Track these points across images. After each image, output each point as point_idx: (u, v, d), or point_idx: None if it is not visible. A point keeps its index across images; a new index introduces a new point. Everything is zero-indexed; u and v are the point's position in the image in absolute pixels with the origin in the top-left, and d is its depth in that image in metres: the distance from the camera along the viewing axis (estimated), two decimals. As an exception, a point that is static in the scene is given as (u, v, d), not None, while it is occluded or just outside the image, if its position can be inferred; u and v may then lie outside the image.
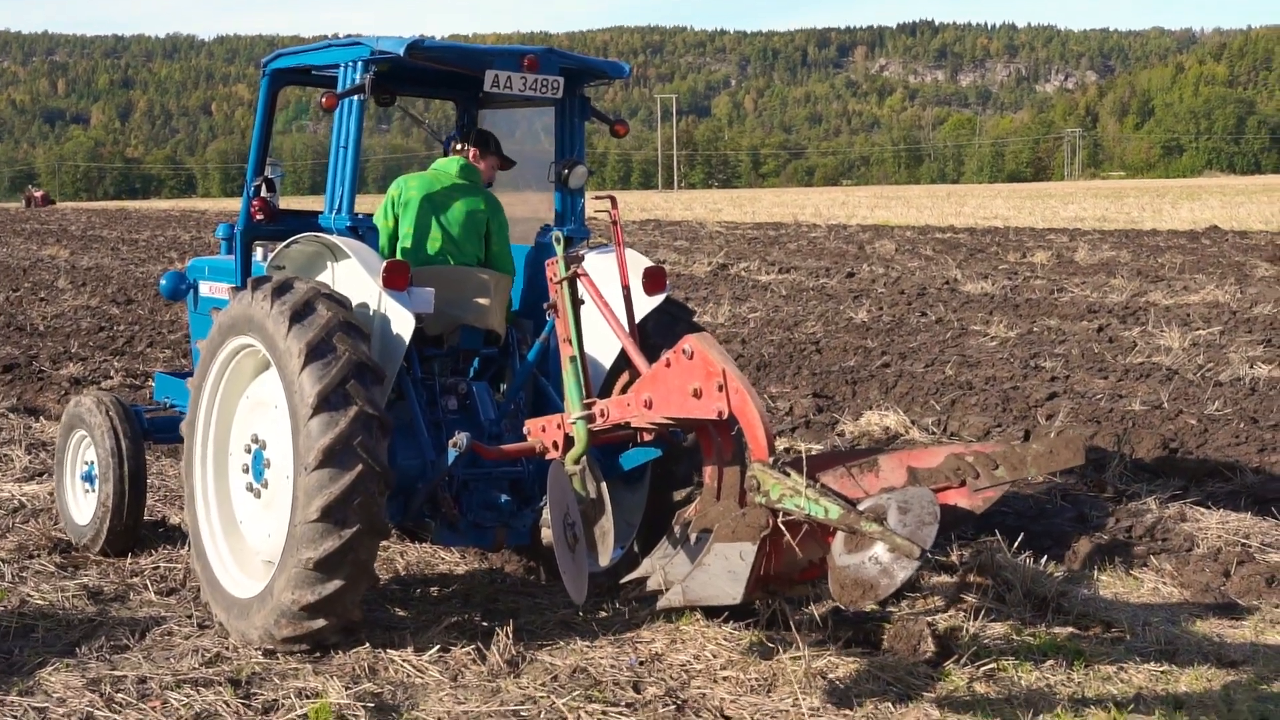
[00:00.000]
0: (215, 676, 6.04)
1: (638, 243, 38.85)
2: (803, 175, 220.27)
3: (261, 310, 6.41)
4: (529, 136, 8.45)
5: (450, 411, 7.15)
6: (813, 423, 11.82)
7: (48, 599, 7.23)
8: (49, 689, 5.89)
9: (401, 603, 7.23)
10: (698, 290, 23.92)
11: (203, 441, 7.06)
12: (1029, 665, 6.24)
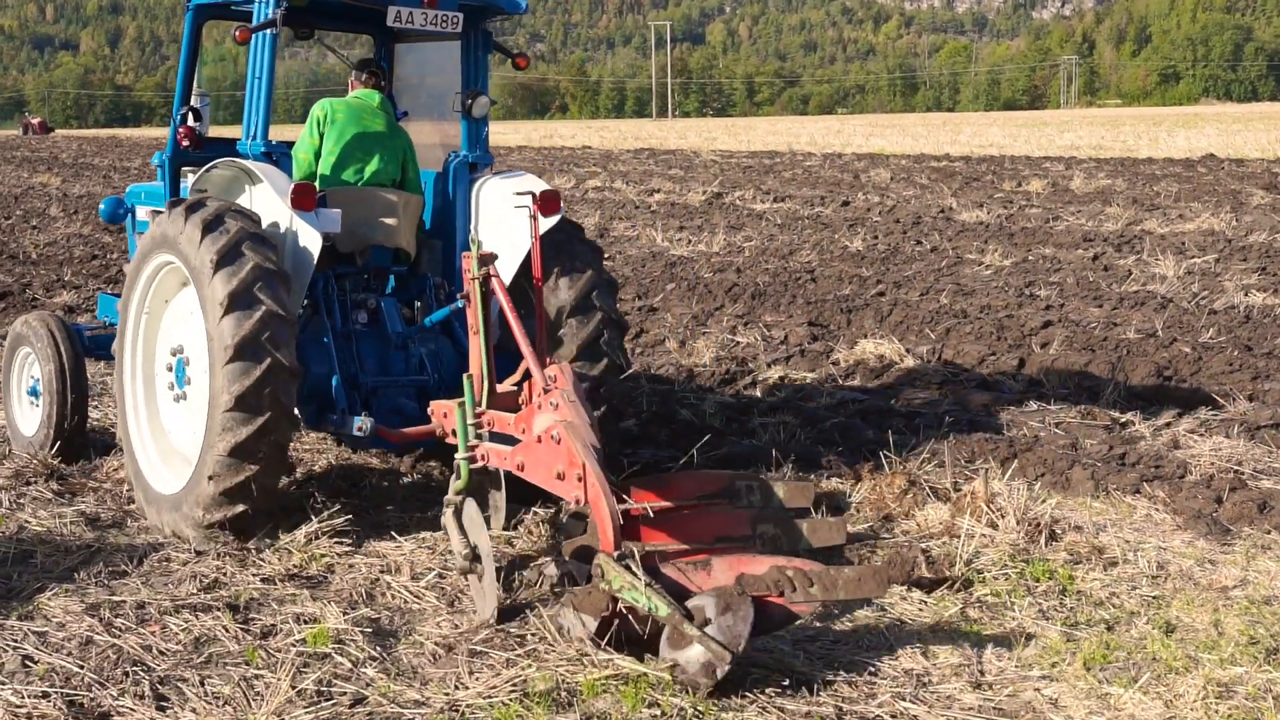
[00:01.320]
0: (213, 602, 6.08)
1: (631, 172, 38.70)
2: (798, 104, 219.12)
3: (177, 228, 6.93)
4: (440, 69, 8.72)
5: (360, 324, 7.73)
6: (807, 351, 11.84)
7: (45, 525, 7.26)
8: (48, 614, 5.93)
9: (399, 528, 7.25)
10: (692, 219, 23.85)
11: (131, 355, 7.61)
12: (1022, 591, 6.29)
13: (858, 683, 5.34)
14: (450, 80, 8.40)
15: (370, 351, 7.67)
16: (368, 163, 7.80)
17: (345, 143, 7.75)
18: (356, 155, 7.78)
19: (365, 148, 7.80)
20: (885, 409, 9.63)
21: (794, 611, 5.41)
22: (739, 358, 11.64)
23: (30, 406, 8.73)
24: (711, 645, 5.03)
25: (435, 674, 5.39)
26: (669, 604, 5.20)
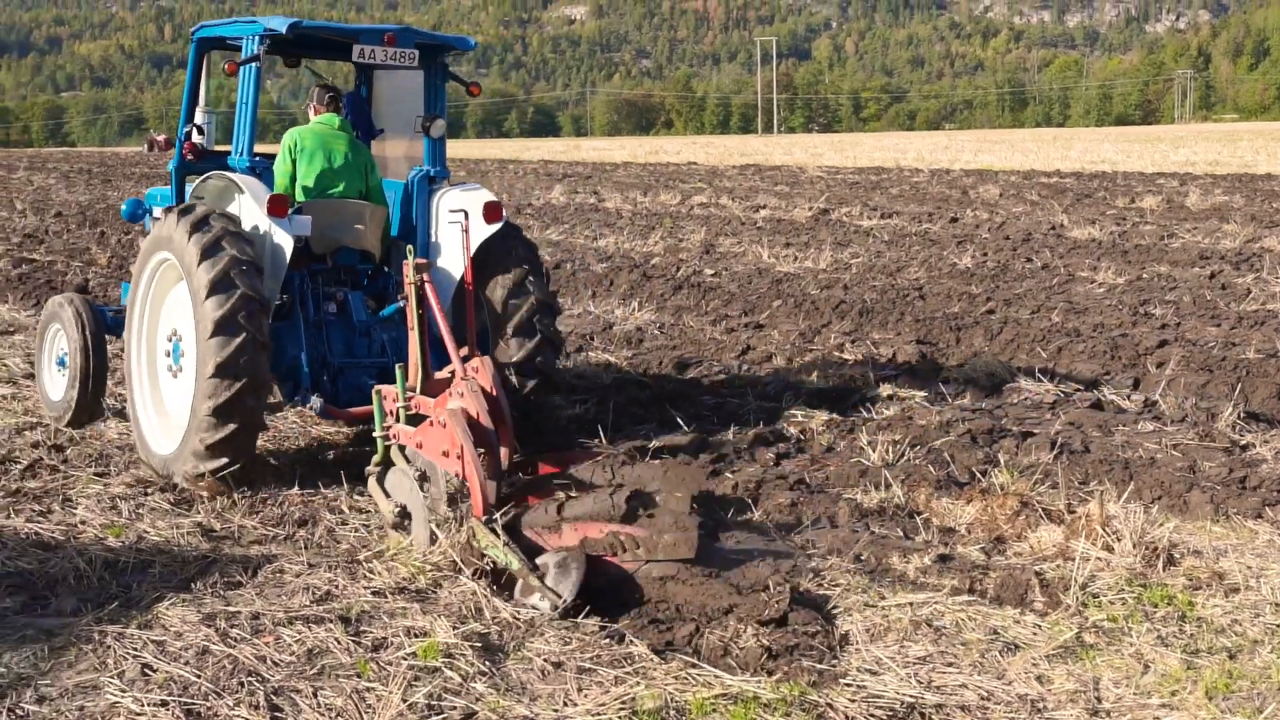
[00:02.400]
0: (326, 614, 6.14)
1: (737, 188, 38.66)
2: (904, 119, 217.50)
3: (171, 229, 8.31)
4: (408, 96, 9.92)
5: (330, 314, 9.13)
6: (917, 370, 11.72)
7: (163, 535, 7.39)
8: (166, 623, 6.02)
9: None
10: (799, 235, 23.75)
11: (137, 337, 9.01)
12: (1139, 617, 6.15)
13: (971, 708, 5.25)
14: (418, 105, 9.68)
15: (338, 337, 9.08)
16: (335, 179, 9.11)
17: (314, 165, 9.07)
18: (325, 174, 9.08)
19: (332, 167, 9.11)
20: (996, 428, 9.48)
21: (624, 568, 6.53)
22: (847, 375, 11.55)
23: (58, 375, 10.01)
24: (548, 593, 6.26)
25: (544, 690, 5.40)
26: (520, 560, 6.43)
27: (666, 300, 16.16)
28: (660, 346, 13.12)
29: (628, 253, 21.43)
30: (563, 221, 27.69)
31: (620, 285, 17.20)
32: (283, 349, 8.73)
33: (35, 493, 8.18)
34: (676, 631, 6.04)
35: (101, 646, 5.76)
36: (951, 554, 7.04)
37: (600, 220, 27.94)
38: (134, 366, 8.98)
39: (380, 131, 10.26)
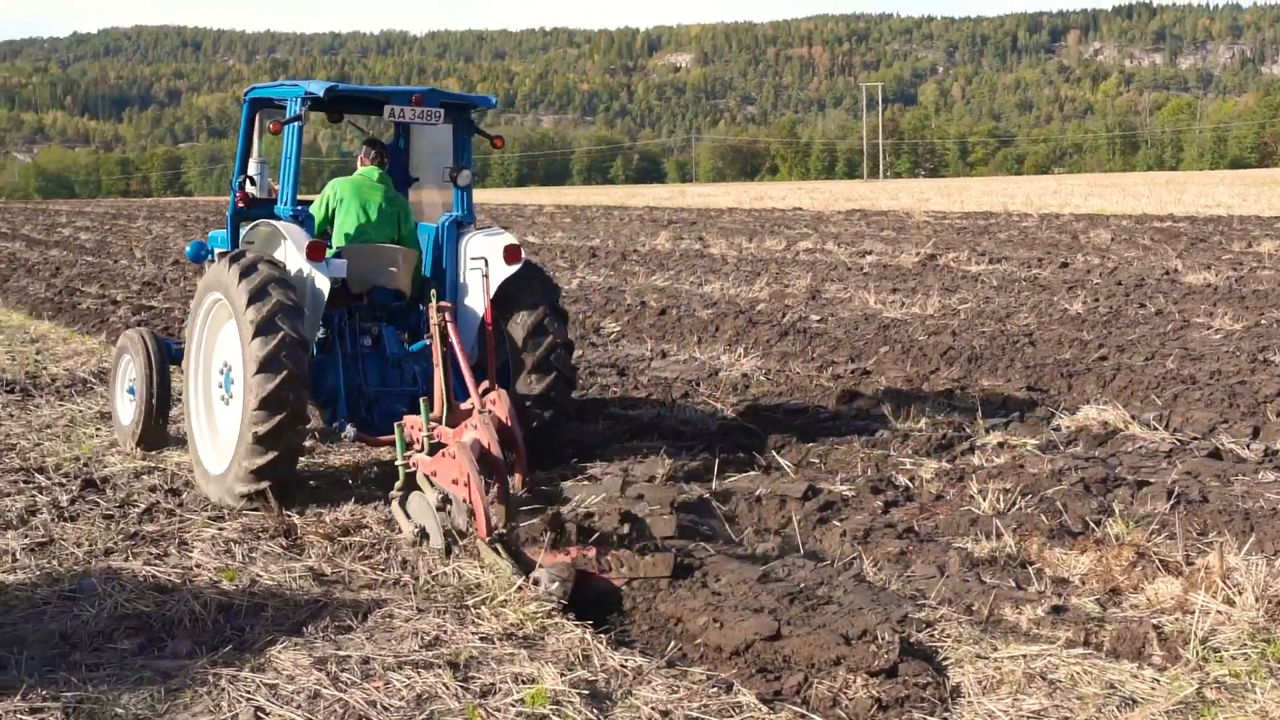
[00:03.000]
0: (434, 659, 6.18)
1: (843, 233, 38.52)
2: (1012, 163, 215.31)
3: (223, 273, 9.22)
4: (440, 149, 10.93)
5: (365, 347, 10.14)
6: (1027, 416, 11.56)
7: (276, 579, 7.49)
8: (279, 666, 6.10)
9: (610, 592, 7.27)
10: (905, 281, 23.59)
11: (194, 368, 9.89)
12: (1263, 673, 5.98)
13: (1087, 764, 5.14)
14: (449, 157, 10.72)
15: (373, 368, 10.07)
16: (370, 226, 10.13)
17: (351, 213, 10.11)
18: (362, 221, 10.11)
19: (368, 215, 10.15)
20: (1110, 477, 9.30)
21: (613, 583, 7.29)
22: (955, 422, 11.42)
23: (128, 400, 11.06)
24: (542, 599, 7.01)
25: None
26: (517, 574, 7.19)
27: (772, 346, 16.12)
28: (766, 393, 13.07)
29: (733, 298, 21.43)
30: (668, 267, 27.77)
31: (725, 331, 17.19)
32: (323, 379, 9.80)
33: (152, 536, 8.35)
34: (785, 681, 5.99)
35: (216, 689, 5.84)
36: (1065, 605, 6.91)
37: (705, 266, 27.98)
38: (191, 394, 9.89)
39: (416, 180, 11.37)
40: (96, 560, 7.83)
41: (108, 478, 9.90)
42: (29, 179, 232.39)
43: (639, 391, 13.27)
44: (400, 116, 10.13)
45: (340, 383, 9.83)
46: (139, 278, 27.25)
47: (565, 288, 23.83)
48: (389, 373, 10.09)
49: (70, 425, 11.99)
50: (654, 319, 18.58)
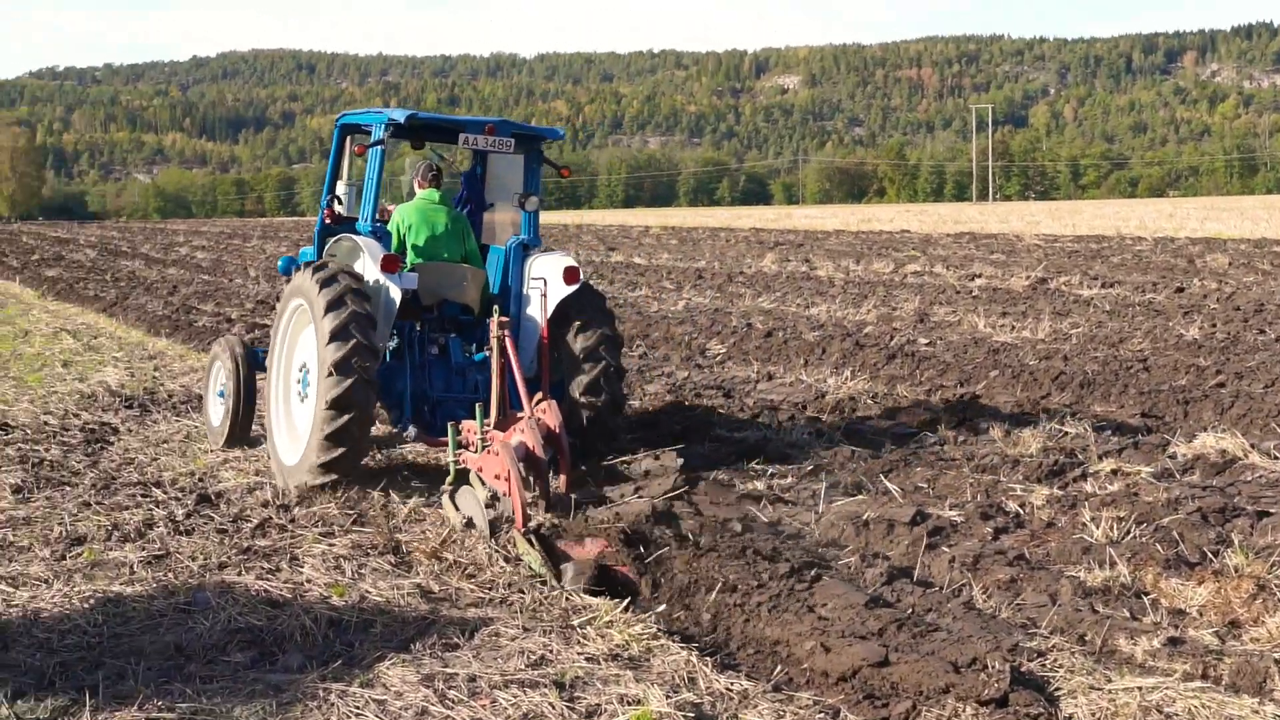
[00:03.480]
0: (540, 678, 6.20)
1: (951, 256, 38.16)
2: (1126, 186, 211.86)
3: (305, 282, 10.06)
4: (513, 177, 11.59)
5: (432, 355, 10.92)
6: (1141, 443, 11.33)
7: (384, 595, 7.57)
8: (387, 682, 6.16)
9: (715, 615, 7.24)
10: (1016, 305, 23.30)
11: (276, 369, 10.75)
12: (1390, 711, 5.80)
13: (1205, 801, 5.01)
14: (515, 183, 11.48)
15: (438, 375, 10.84)
16: (438, 245, 10.90)
17: (420, 234, 10.86)
18: (430, 241, 10.89)
19: (435, 235, 10.91)
20: (1228, 506, 9.07)
21: (630, 577, 7.79)
22: (1067, 448, 11.23)
23: (219, 403, 11.98)
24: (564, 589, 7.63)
25: (757, 764, 5.33)
26: (547, 566, 7.80)
27: (880, 369, 15.99)
28: (874, 416, 12.96)
29: (840, 321, 21.31)
30: (774, 289, 27.70)
31: (832, 354, 17.09)
32: (392, 383, 10.62)
33: (264, 551, 8.47)
34: (892, 708, 5.93)
35: (326, 704, 5.91)
36: (1182, 637, 6.76)
37: (812, 288, 27.87)
38: (272, 390, 10.76)
39: (491, 205, 12.12)
40: (210, 574, 7.96)
41: (221, 493, 10.08)
42: (148, 199, 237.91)
43: (745, 414, 13.23)
44: (474, 144, 10.97)
45: (407, 387, 10.64)
46: (252, 296, 27.75)
47: (671, 309, 23.87)
48: (453, 380, 10.86)
49: (186, 441, 12.23)
50: (760, 341, 18.52)
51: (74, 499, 9.81)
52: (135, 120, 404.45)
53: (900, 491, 9.83)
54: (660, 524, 8.32)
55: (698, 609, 7.44)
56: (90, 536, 8.77)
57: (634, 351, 18.39)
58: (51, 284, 32.51)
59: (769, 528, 9.07)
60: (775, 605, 7.21)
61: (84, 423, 12.92)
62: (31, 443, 11.89)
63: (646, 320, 21.50)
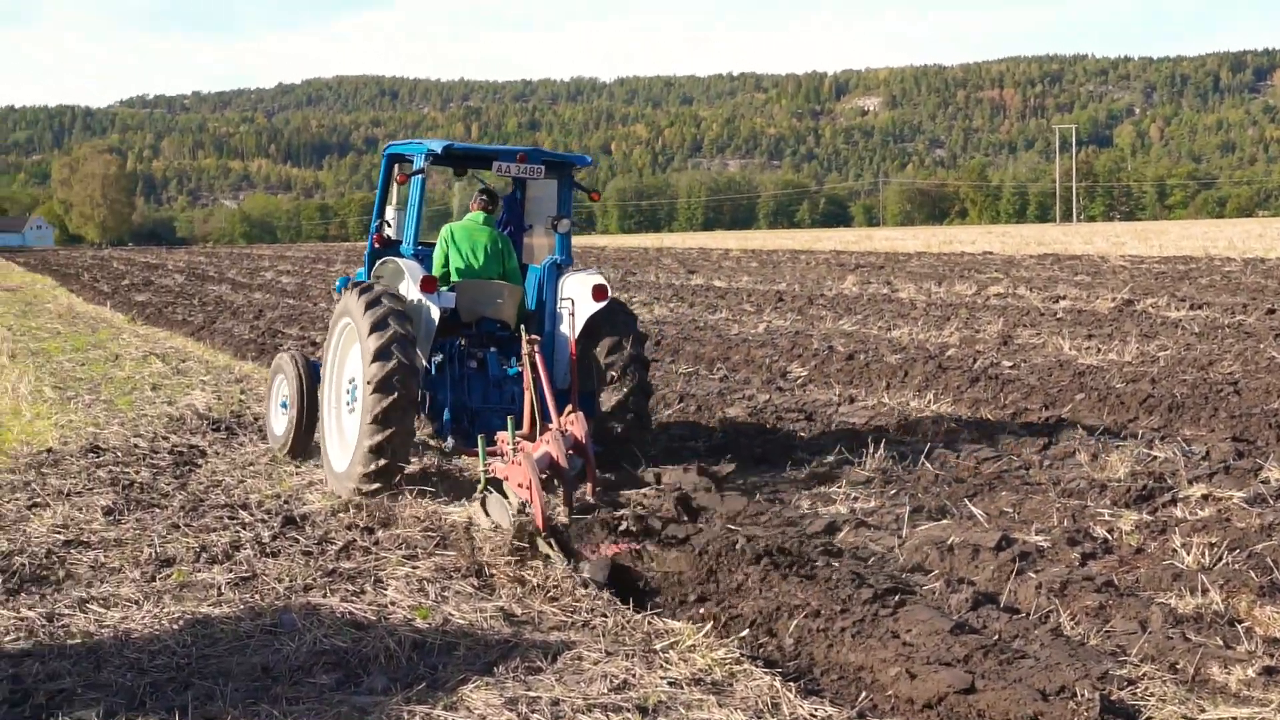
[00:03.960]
0: (623, 703, 6.18)
1: (1035, 278, 37.78)
2: (1213, 206, 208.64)
3: (352, 302, 10.81)
4: (549, 201, 12.37)
5: (471, 369, 11.56)
6: (1232, 468, 11.12)
7: (467, 618, 7.59)
8: (471, 705, 6.17)
9: (797, 641, 7.20)
10: (1101, 327, 23.00)
11: (328, 379, 11.59)
12: None
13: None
14: (548, 207, 12.30)
15: (477, 388, 11.48)
16: (478, 264, 11.69)
17: (462, 254, 11.69)
18: (471, 260, 11.69)
19: (476, 256, 11.72)
20: (1324, 533, 8.89)
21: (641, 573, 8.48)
22: (1156, 473, 11.05)
23: (281, 414, 12.61)
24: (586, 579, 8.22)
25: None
26: (563, 563, 8.45)
27: (963, 392, 15.85)
28: (956, 440, 12.84)
29: (922, 343, 21.15)
30: (855, 312, 27.56)
31: (915, 377, 16.96)
32: (434, 396, 11.31)
33: (349, 573, 8.54)
34: (979, 737, 5.84)
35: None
36: (1277, 666, 6.61)
37: (893, 310, 27.70)
38: (325, 401, 11.57)
39: (529, 227, 12.79)
40: (296, 596, 8.04)
41: (307, 515, 10.18)
42: (235, 224, 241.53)
43: (826, 437, 13.16)
44: (506, 171, 11.74)
45: (448, 399, 11.31)
46: (337, 320, 28.04)
47: (752, 332, 23.82)
48: (490, 392, 11.51)
49: (272, 463, 12.37)
50: (841, 363, 18.43)
51: (163, 521, 9.96)
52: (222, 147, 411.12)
53: (985, 516, 9.72)
54: (733, 546, 8.31)
55: (780, 634, 7.40)
56: (179, 558, 8.89)
57: (714, 374, 18.38)
58: (141, 309, 33.10)
59: (852, 551, 9.01)
60: (859, 631, 7.16)
61: (172, 445, 13.12)
62: (122, 465, 12.09)
63: (727, 343, 21.46)
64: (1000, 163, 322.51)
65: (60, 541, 9.31)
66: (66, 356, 21.98)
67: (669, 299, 33.57)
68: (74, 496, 10.79)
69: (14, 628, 7.42)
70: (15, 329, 27.51)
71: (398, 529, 9.59)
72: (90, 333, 26.84)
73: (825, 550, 8.81)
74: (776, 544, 8.56)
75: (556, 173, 12.02)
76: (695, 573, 8.38)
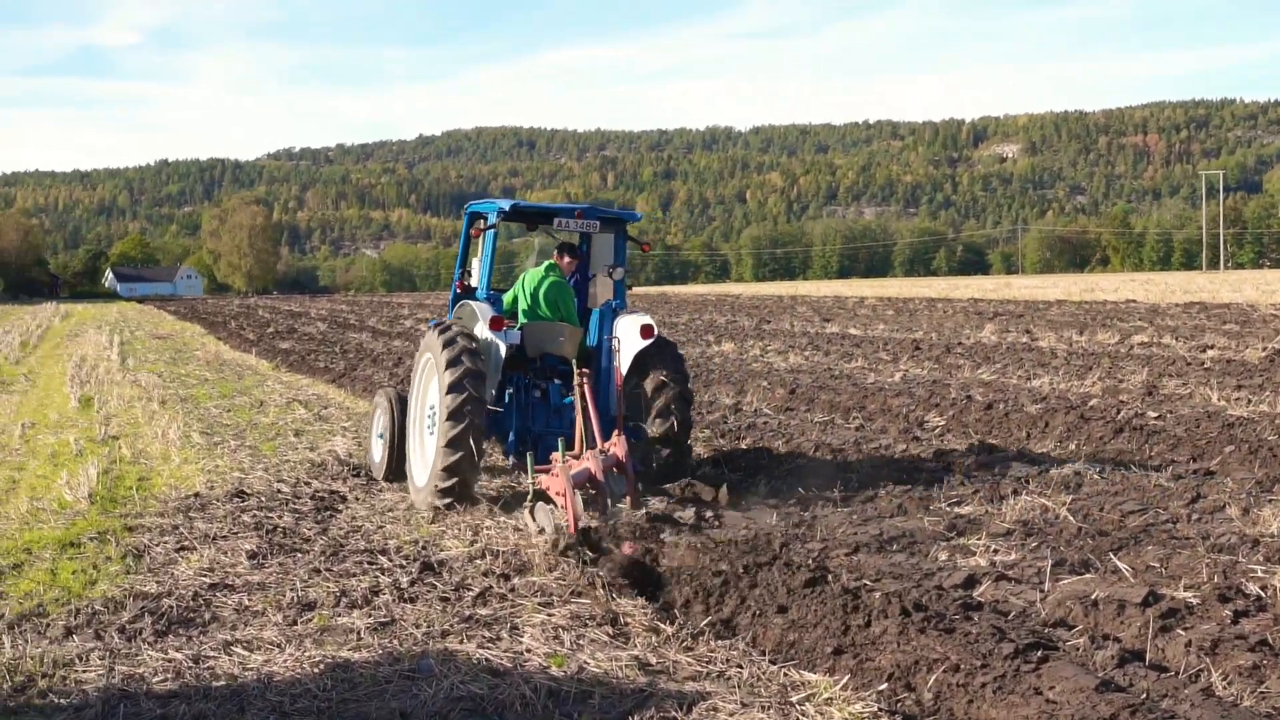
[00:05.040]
0: (759, 756, 6.11)
1: (1181, 326, 36.93)
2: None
3: (433, 340, 12.52)
4: (606, 252, 13.93)
5: (535, 398, 13.25)
6: (1393, 524, 10.70)
7: (602, 667, 7.59)
8: (605, 755, 6.15)
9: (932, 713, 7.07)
10: (1251, 377, 22.35)
11: (413, 406, 13.36)
12: None
13: None
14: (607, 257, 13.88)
15: (540, 415, 13.20)
16: (544, 307, 13.34)
17: (532, 298, 13.37)
18: (538, 304, 13.35)
19: (540, 299, 13.35)
20: None
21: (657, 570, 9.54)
22: (1312, 529, 10.68)
23: (380, 443, 14.05)
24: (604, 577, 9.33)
25: None
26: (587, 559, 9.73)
27: (1106, 443, 15.50)
28: (1100, 492, 12.55)
29: (1063, 393, 20.74)
30: (994, 361, 27.16)
31: (1056, 427, 16.64)
32: (503, 421, 12.97)
33: (486, 619, 8.60)
34: (1127, 800, 5.67)
35: (545, 774, 5.93)
36: None
37: (1033, 359, 27.24)
38: (410, 425, 13.33)
39: (594, 275, 14.23)
40: (434, 641, 8.11)
41: (444, 561, 10.28)
42: (375, 273, 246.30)
43: (965, 487, 12.95)
44: (565, 227, 13.37)
45: (514, 424, 13.01)
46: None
47: (888, 380, 23.59)
48: (551, 418, 13.14)
49: (409, 510, 12.53)
50: (980, 413, 18.16)
51: (305, 565, 10.14)
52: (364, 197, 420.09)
53: (1131, 570, 9.47)
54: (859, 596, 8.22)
55: (919, 688, 7.28)
56: (320, 602, 9.04)
57: (850, 423, 18.22)
58: (285, 356, 33.86)
59: (992, 605, 8.84)
60: (1000, 686, 7.01)
61: (314, 490, 13.37)
62: (266, 510, 12.36)
63: (863, 391, 21.27)
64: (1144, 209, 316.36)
65: (206, 584, 9.53)
66: (214, 403, 22.56)
67: (804, 347, 33.41)
68: (219, 540, 11.05)
69: (162, 669, 7.60)
70: (165, 376, 28.30)
71: (533, 576, 9.64)
72: (236, 379, 27.51)
73: (964, 603, 8.66)
74: (914, 596, 8.43)
75: (612, 227, 13.55)
76: (831, 624, 8.27)
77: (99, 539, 11.10)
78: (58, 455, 16.13)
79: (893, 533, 11.08)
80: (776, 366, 27.65)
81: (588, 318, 13.84)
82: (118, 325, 55.43)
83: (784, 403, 20.72)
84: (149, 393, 23.79)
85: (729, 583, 9.01)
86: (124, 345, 39.58)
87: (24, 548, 10.84)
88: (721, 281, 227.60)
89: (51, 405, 22.12)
